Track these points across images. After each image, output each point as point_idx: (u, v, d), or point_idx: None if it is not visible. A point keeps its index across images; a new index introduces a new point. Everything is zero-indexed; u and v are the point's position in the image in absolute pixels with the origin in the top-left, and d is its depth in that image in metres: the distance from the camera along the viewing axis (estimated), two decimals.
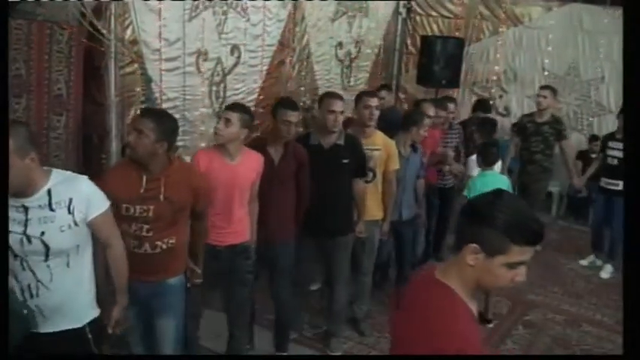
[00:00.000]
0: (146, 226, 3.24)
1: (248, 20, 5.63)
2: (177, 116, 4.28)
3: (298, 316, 4.92)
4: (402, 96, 8.80)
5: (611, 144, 6.41)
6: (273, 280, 4.37)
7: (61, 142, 4.40)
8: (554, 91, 6.68)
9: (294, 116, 4.11)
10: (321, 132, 4.42)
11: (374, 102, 4.66)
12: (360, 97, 4.79)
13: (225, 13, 5.33)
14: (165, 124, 3.27)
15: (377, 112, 4.67)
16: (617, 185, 6.22)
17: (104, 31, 4.35)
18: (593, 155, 7.26)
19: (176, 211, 3.32)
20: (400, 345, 1.98)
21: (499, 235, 1.76)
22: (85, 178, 2.82)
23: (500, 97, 8.37)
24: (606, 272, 6.63)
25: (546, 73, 8.12)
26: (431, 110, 5.46)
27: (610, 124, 7.70)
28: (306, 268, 4.77)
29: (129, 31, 4.58)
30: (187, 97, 5.08)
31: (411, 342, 1.87)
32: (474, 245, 1.80)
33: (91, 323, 2.88)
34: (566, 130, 6.86)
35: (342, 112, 4.34)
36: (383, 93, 6.54)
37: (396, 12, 8.52)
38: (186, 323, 3.88)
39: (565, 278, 6.49)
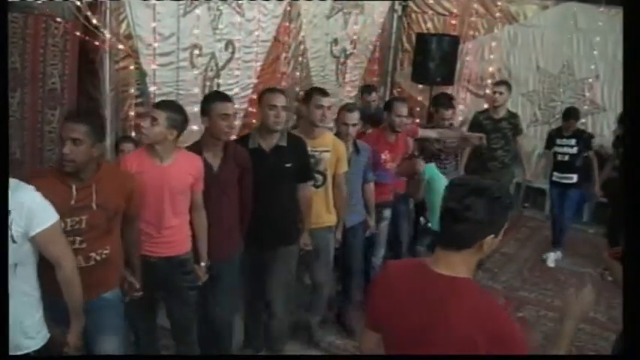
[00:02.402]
0: (79, 238, 2.96)
1: (243, 16, 5.63)
2: None
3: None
4: (396, 93, 8.78)
5: (559, 141, 6.63)
6: (213, 297, 3.94)
7: (55, 137, 4.38)
8: (509, 86, 6.70)
9: (230, 108, 3.74)
10: (260, 133, 4.02)
11: (326, 102, 4.26)
12: (310, 94, 4.36)
13: (219, 8, 5.32)
14: (96, 124, 3.03)
15: (329, 114, 4.32)
16: (571, 179, 6.62)
17: (99, 26, 4.33)
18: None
19: (110, 218, 3.08)
20: (422, 344, 1.97)
21: (503, 213, 1.94)
22: (30, 188, 2.62)
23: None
24: (551, 261, 6.74)
25: (540, 72, 8.11)
26: (403, 109, 5.07)
27: (604, 122, 7.76)
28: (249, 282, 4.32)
29: (124, 26, 4.59)
30: (181, 92, 5.08)
31: (448, 341, 1.90)
32: (492, 236, 1.93)
33: (38, 352, 2.69)
34: (522, 125, 6.93)
35: (284, 108, 3.93)
36: (374, 95, 6.44)
37: (392, 9, 8.52)
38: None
39: (557, 275, 6.50)
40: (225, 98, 3.81)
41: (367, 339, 2.24)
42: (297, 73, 6.70)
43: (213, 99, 3.77)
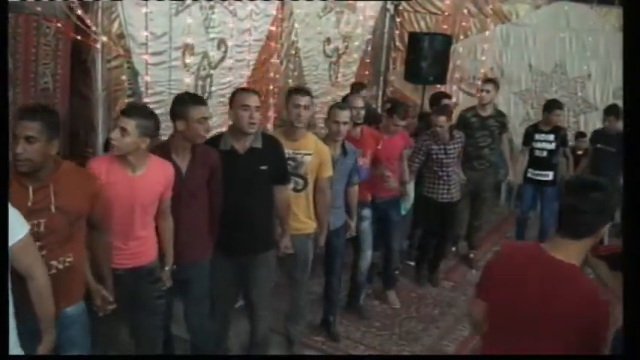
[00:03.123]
0: (38, 244, 2.76)
1: (235, 15, 5.60)
2: (162, 110, 4.27)
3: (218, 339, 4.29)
4: (389, 92, 8.78)
5: (537, 136, 6.54)
6: (186, 306, 3.90)
7: None
8: (496, 84, 6.62)
9: (206, 111, 3.62)
10: (234, 134, 3.86)
11: (303, 101, 4.11)
12: (289, 94, 4.26)
13: (212, 7, 5.30)
14: (51, 120, 2.84)
15: (306, 113, 4.14)
16: (547, 176, 6.54)
17: (91, 25, 4.31)
18: (580, 152, 7.30)
19: (72, 223, 2.91)
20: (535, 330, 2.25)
21: (614, 203, 2.24)
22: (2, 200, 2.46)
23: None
24: None
25: (533, 71, 8.13)
26: (359, 101, 4.96)
27: (596, 120, 7.75)
28: (226, 290, 4.13)
29: (116, 25, 4.56)
30: (173, 91, 5.03)
31: (548, 317, 2.21)
32: (608, 224, 2.23)
33: None
34: (509, 123, 6.92)
35: (257, 109, 3.78)
36: (364, 92, 6.33)
37: (384, 8, 8.52)
38: None
39: None
40: (201, 101, 3.70)
41: (478, 308, 2.54)
42: (291, 66, 6.67)
43: (189, 103, 3.59)
